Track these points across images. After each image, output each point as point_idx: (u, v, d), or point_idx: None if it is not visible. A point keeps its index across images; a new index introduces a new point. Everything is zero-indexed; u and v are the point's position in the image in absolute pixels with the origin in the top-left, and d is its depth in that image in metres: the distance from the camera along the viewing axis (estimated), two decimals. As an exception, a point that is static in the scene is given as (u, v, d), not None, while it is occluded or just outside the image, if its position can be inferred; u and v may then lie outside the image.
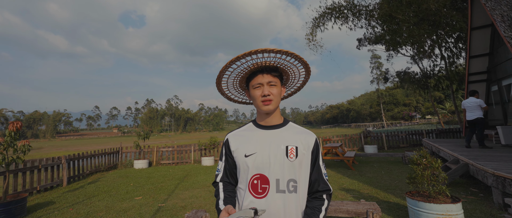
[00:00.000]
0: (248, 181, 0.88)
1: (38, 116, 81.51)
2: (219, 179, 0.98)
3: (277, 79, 0.93)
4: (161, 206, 4.06)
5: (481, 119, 5.32)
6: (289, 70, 0.99)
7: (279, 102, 0.94)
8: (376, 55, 40.94)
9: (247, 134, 0.96)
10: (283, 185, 0.86)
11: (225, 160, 0.98)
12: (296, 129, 0.97)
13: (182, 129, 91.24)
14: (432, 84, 12.40)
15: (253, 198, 0.86)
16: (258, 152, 0.89)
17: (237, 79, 0.99)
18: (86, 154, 7.45)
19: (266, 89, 0.89)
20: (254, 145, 0.91)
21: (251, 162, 0.89)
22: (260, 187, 0.86)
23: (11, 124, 3.89)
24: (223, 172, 0.97)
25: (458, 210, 2.56)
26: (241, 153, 0.92)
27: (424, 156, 2.92)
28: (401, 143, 10.51)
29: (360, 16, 11.84)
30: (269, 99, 0.89)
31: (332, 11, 11.62)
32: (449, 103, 34.99)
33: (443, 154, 5.66)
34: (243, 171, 0.90)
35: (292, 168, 0.88)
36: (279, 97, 0.93)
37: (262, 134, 0.94)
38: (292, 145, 0.90)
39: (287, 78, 1.03)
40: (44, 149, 24.91)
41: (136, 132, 10.04)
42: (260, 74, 0.91)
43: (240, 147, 0.93)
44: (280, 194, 0.85)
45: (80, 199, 4.77)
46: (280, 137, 0.92)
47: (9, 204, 3.63)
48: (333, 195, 4.19)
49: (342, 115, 72.52)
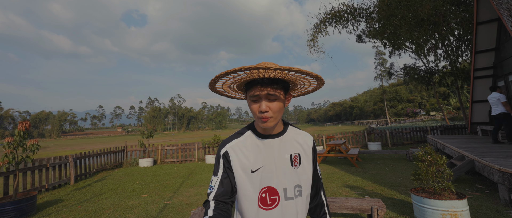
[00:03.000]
0: (258, 195, 0.84)
1: (44, 116, 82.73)
2: (212, 197, 0.83)
3: (280, 91, 0.80)
4: (167, 203, 4.12)
5: (503, 114, 5.26)
6: (298, 81, 0.86)
7: (280, 117, 0.84)
8: (381, 52, 40.53)
9: (248, 147, 0.87)
10: (290, 193, 0.86)
11: (223, 175, 0.86)
12: (296, 134, 0.94)
13: (185, 127, 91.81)
14: (437, 80, 12.27)
15: (263, 211, 0.83)
16: (265, 166, 0.85)
17: (233, 85, 0.89)
18: (92, 153, 7.57)
19: (264, 105, 0.77)
20: (260, 159, 0.85)
21: (259, 177, 0.84)
22: (269, 199, 0.84)
23: (20, 124, 3.98)
24: (218, 189, 0.84)
25: (464, 207, 2.56)
26: (247, 168, 0.84)
27: (429, 152, 2.91)
28: (405, 140, 10.45)
29: (360, 19, 11.79)
30: (267, 117, 0.78)
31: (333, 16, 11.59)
32: (455, 99, 34.55)
33: (448, 150, 5.62)
34: (251, 187, 0.84)
35: (296, 175, 0.88)
36: (280, 112, 0.81)
37: (265, 145, 0.87)
38: (295, 153, 0.89)
39: (294, 86, 0.91)
40: (50, 148, 25.32)
41: (140, 131, 10.15)
42: (258, 85, 0.78)
43: (244, 162, 0.85)
44: (289, 201, 0.85)
45: (87, 197, 4.86)
46: (283, 145, 0.89)
47: (20, 202, 3.72)
48: (337, 192, 4.21)
49: (345, 112, 72.17)
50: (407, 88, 51.45)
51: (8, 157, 3.77)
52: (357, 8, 11.57)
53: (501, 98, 5.27)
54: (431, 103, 44.91)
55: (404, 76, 13.67)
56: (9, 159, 3.78)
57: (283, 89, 0.82)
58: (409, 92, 52.92)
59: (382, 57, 41.49)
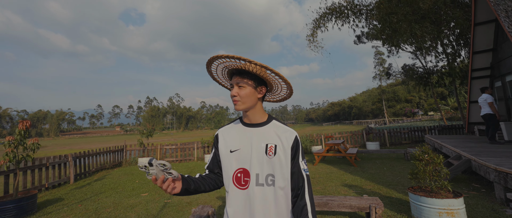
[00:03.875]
0: (233, 174, 0.98)
1: (41, 115, 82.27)
2: (206, 167, 1.11)
3: (248, 80, 0.97)
4: (167, 202, 4.15)
5: (488, 115, 5.32)
6: (272, 81, 1.02)
7: (249, 103, 0.98)
8: (380, 52, 40.64)
9: (233, 131, 1.05)
10: (262, 179, 0.95)
11: (215, 152, 1.08)
12: (278, 128, 1.02)
13: (184, 127, 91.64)
14: (435, 81, 12.34)
15: (237, 189, 0.97)
16: (241, 149, 0.99)
17: (224, 71, 1.05)
18: (91, 152, 7.57)
19: (234, 90, 0.97)
20: (239, 142, 1.00)
21: (235, 157, 0.98)
22: (243, 180, 0.96)
23: (20, 123, 3.99)
24: (210, 162, 1.09)
25: (460, 205, 2.61)
26: (227, 148, 1.01)
27: (426, 152, 2.96)
28: (403, 140, 10.52)
29: (361, 16, 11.79)
30: (236, 100, 0.97)
31: (333, 12, 11.58)
32: (453, 99, 34.77)
33: (445, 150, 5.69)
34: (229, 164, 0.99)
35: (270, 164, 0.95)
36: (248, 98, 0.97)
37: (246, 131, 1.02)
38: (271, 144, 0.97)
39: (271, 87, 1.06)
40: (48, 148, 25.21)
41: (139, 130, 10.15)
42: (234, 76, 0.99)
43: (227, 143, 1.03)
44: (259, 187, 0.94)
45: (87, 195, 4.88)
46: (262, 135, 1.00)
47: (21, 201, 3.74)
48: (336, 191, 4.25)
49: (344, 112, 72.34)
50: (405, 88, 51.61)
51: (9, 155, 3.78)
52: (358, 4, 11.55)
53: (488, 99, 5.34)
54: (429, 103, 45.16)
55: (402, 76, 13.75)
56: (10, 157, 3.79)
57: (253, 80, 0.98)
58: (407, 92, 53.10)
59: (381, 57, 41.61)
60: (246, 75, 0.97)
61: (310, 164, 6.99)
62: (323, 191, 4.28)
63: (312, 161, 7.55)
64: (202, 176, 1.05)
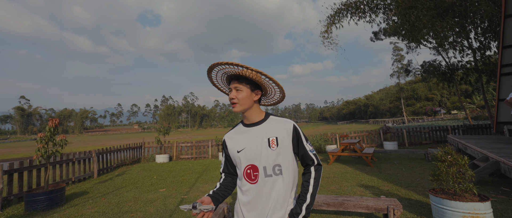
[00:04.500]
0: (243, 171, 1.08)
1: (67, 113, 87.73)
2: (222, 170, 1.24)
3: (245, 85, 1.06)
4: (183, 198, 4.29)
5: None
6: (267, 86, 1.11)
7: (246, 105, 1.08)
8: (398, 48, 38.87)
9: (237, 134, 1.15)
10: (269, 170, 1.04)
11: (225, 156, 1.21)
12: (275, 121, 1.12)
13: (198, 125, 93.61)
14: (459, 77, 11.60)
15: (248, 184, 1.07)
16: (247, 147, 1.09)
17: (223, 77, 1.15)
18: (112, 149, 7.98)
19: (232, 93, 1.07)
20: (243, 142, 1.10)
21: (243, 156, 1.09)
22: (252, 175, 1.06)
23: (50, 120, 4.29)
24: (224, 165, 1.22)
25: (487, 209, 2.46)
26: (234, 149, 1.12)
27: (449, 152, 2.82)
28: (424, 140, 10.04)
29: (378, 10, 11.31)
30: (234, 102, 1.06)
31: (348, 7, 11.20)
32: (479, 97, 32.52)
33: (470, 151, 5.36)
34: (239, 163, 1.10)
35: (275, 155, 1.05)
36: (245, 100, 1.06)
37: (248, 131, 1.12)
38: (272, 136, 1.07)
39: (265, 91, 1.15)
40: (74, 144, 26.87)
41: (156, 128, 10.53)
42: (232, 81, 1.09)
43: (234, 144, 1.13)
44: (268, 177, 1.04)
45: (110, 190, 5.16)
46: (262, 131, 1.09)
47: (51, 193, 4.03)
48: (352, 191, 4.17)
49: (360, 110, 70.21)
50: (426, 86, 49.02)
51: (41, 151, 4.09)
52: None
53: None
54: (453, 101, 42.59)
55: (422, 73, 13.06)
56: (42, 153, 4.10)
57: (249, 84, 1.07)
58: (428, 90, 50.43)
59: (400, 53, 39.80)
60: (243, 79, 1.07)
61: (325, 163, 6.89)
62: (338, 191, 4.21)
63: (327, 160, 7.43)
64: (221, 183, 1.19)
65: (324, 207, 2.84)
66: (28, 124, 79.74)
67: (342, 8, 11.33)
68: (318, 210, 3.35)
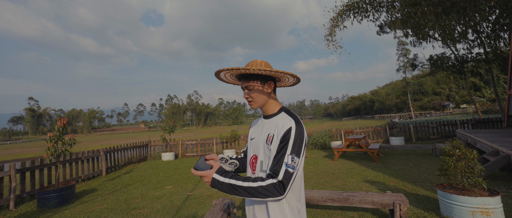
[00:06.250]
0: (249, 159, 1.13)
1: (75, 113, 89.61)
2: (241, 151, 1.36)
3: (255, 82, 1.05)
4: (189, 194, 4.35)
5: None
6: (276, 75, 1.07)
7: (261, 101, 1.08)
8: (403, 42, 38.05)
9: (257, 123, 1.20)
10: (264, 166, 1.03)
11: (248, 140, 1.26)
12: (280, 118, 1.04)
13: (203, 123, 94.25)
14: (469, 70, 11.30)
15: (251, 173, 1.09)
16: (255, 138, 1.13)
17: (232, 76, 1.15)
18: (120, 147, 8.12)
19: (246, 93, 1.08)
20: (256, 132, 1.15)
21: (252, 145, 1.14)
22: (254, 165, 1.09)
23: (59, 120, 4.39)
24: (246, 147, 1.27)
25: (497, 204, 2.41)
26: (250, 137, 1.20)
27: (458, 147, 2.76)
28: (431, 135, 9.86)
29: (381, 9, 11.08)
30: (249, 101, 1.08)
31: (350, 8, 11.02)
32: (489, 90, 31.65)
33: (480, 145, 5.24)
34: (249, 151, 1.17)
35: (269, 152, 1.01)
36: (258, 97, 1.07)
37: (262, 123, 1.14)
38: (271, 133, 1.03)
39: (278, 79, 1.15)
40: (82, 143, 27.46)
41: (162, 126, 10.66)
42: (241, 80, 1.10)
43: (252, 132, 1.21)
44: (263, 173, 1.03)
45: (118, 187, 5.27)
46: (268, 125, 1.08)
47: (62, 190, 4.14)
48: (357, 187, 4.14)
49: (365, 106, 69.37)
50: (433, 80, 47.93)
51: (51, 150, 4.20)
52: None
53: None
54: (462, 95, 41.59)
55: (430, 66, 12.77)
56: (51, 151, 4.20)
57: (258, 80, 1.06)
58: (435, 84, 49.33)
59: (405, 47, 38.97)
60: (250, 77, 1.06)
61: (330, 160, 6.86)
62: (343, 187, 4.19)
63: (332, 156, 7.39)
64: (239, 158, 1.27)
65: (329, 203, 2.83)
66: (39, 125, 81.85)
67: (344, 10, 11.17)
68: (323, 206, 3.35)
